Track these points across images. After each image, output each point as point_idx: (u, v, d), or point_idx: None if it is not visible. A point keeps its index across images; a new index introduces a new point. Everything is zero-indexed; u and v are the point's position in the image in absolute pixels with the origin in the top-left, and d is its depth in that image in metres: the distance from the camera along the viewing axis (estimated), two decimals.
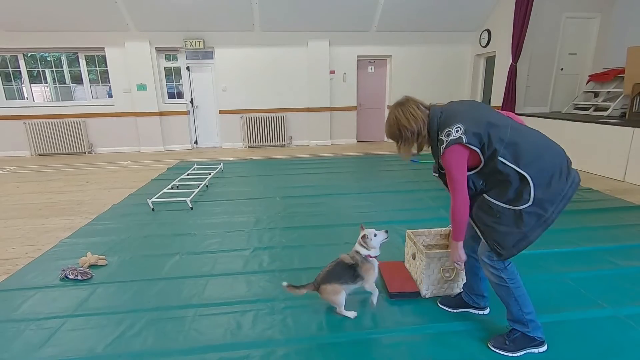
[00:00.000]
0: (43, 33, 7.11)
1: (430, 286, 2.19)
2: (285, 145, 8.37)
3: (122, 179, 5.46)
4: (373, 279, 2.05)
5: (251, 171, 5.87)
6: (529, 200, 1.52)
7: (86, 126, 7.68)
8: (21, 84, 7.66)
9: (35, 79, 7.77)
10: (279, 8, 7.09)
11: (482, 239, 1.68)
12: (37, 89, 7.86)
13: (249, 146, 8.23)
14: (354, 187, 4.72)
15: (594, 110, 6.47)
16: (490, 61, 7.92)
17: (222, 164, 5.98)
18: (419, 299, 2.20)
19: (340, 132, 8.55)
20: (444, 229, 2.53)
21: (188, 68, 7.88)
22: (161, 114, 7.87)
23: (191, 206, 3.97)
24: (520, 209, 1.54)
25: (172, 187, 4.62)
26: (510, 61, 6.80)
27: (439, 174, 1.77)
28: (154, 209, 3.92)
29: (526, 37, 6.59)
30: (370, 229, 2.10)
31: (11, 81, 7.63)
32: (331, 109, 8.28)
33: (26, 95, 7.72)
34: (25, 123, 7.42)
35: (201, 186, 4.62)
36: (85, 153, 7.75)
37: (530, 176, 1.50)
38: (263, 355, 1.77)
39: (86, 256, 2.71)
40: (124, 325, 2.01)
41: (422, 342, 1.84)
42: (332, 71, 8.08)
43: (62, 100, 7.80)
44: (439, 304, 2.12)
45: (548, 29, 6.77)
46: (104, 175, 5.74)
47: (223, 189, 4.80)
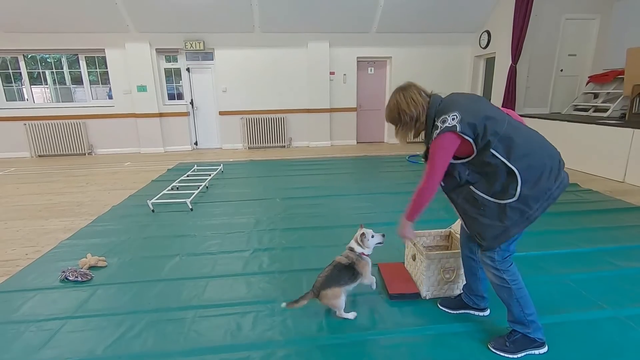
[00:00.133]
0: (43, 34, 7.12)
1: (430, 287, 2.19)
2: (285, 147, 8.37)
3: (122, 180, 5.46)
4: (369, 272, 2.12)
5: (251, 172, 5.87)
6: (514, 195, 1.53)
7: (86, 127, 7.69)
8: (21, 85, 7.67)
9: (36, 80, 7.78)
10: (279, 9, 7.11)
11: (465, 228, 1.71)
12: (37, 90, 7.87)
13: (249, 147, 8.24)
14: (354, 188, 4.72)
15: (594, 111, 6.48)
16: (490, 62, 7.93)
17: (222, 165, 5.99)
18: (419, 300, 2.20)
19: (340, 133, 8.55)
20: (444, 230, 2.53)
21: (188, 69, 7.89)
22: (161, 115, 7.88)
23: (191, 207, 3.98)
24: (504, 203, 1.56)
25: (172, 189, 4.62)
26: (510, 62, 6.81)
27: (426, 160, 1.75)
28: (154, 210, 3.93)
29: (526, 38, 6.61)
30: (369, 229, 2.12)
31: (11, 82, 7.64)
32: (331, 110, 8.29)
33: (26, 97, 7.73)
34: (25, 124, 7.43)
35: (201, 187, 4.62)
36: (86, 154, 7.76)
37: (518, 171, 1.51)
38: (263, 356, 1.77)
39: (86, 257, 2.72)
40: (123, 326, 2.01)
41: (422, 343, 1.84)
42: (332, 72, 8.09)
43: (62, 102, 7.82)
44: (439, 306, 2.12)
45: (548, 30, 6.79)
46: (104, 176, 5.75)
47: (223, 190, 4.80)
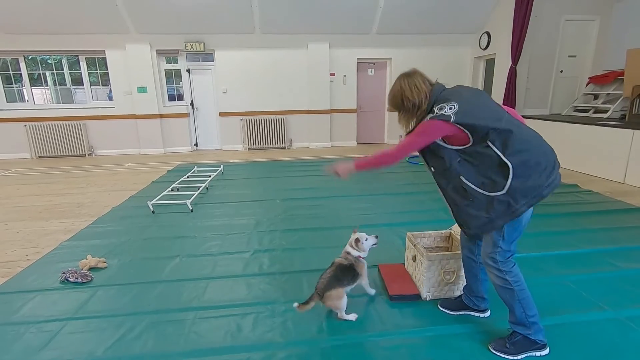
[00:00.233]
0: (44, 36, 7.13)
1: (430, 289, 2.19)
2: (285, 148, 8.37)
3: (122, 181, 5.46)
4: (367, 272, 2.19)
5: (251, 173, 5.87)
6: (503, 189, 1.55)
7: (86, 128, 7.70)
8: (22, 86, 7.68)
9: (36, 81, 7.79)
10: (279, 11, 7.12)
11: (451, 215, 1.75)
12: (37, 91, 7.88)
13: (249, 148, 8.24)
14: (354, 189, 4.72)
15: (594, 112, 6.47)
16: (490, 63, 7.94)
17: (222, 166, 5.99)
18: (419, 301, 2.20)
19: (340, 134, 8.56)
20: (444, 231, 2.53)
21: (188, 70, 7.90)
22: (161, 116, 7.89)
23: (191, 208, 3.98)
24: (493, 196, 1.58)
25: (173, 190, 4.62)
26: (510, 63, 6.82)
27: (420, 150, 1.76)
28: (154, 212, 3.93)
29: (526, 40, 6.61)
30: (362, 233, 2.16)
31: (12, 84, 7.65)
32: (331, 111, 8.30)
33: (27, 98, 7.74)
34: (25, 125, 7.44)
35: (201, 188, 4.62)
36: (86, 155, 7.76)
37: (512, 165, 1.52)
38: (263, 358, 1.77)
39: (86, 259, 2.71)
40: (124, 328, 2.01)
41: (423, 344, 1.84)
42: (332, 73, 8.10)
43: (63, 103, 7.83)
44: (439, 307, 2.12)
45: (547, 31, 6.80)
46: (104, 177, 5.75)
47: (223, 191, 4.80)
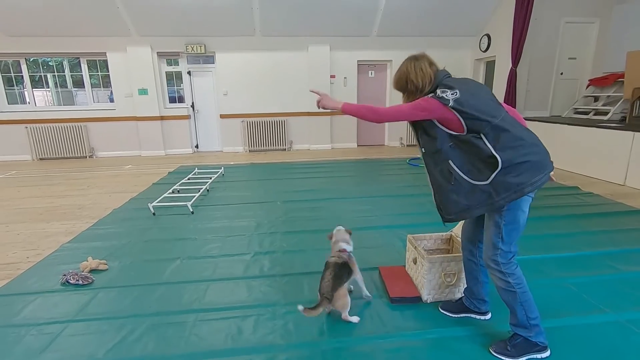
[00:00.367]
0: (45, 38, 7.16)
1: (431, 291, 2.19)
2: (286, 150, 8.38)
3: (123, 183, 5.47)
4: (357, 267, 2.19)
5: (252, 175, 5.87)
6: (487, 179, 1.57)
7: (87, 130, 7.71)
8: (23, 88, 7.70)
9: (37, 83, 7.82)
10: (279, 13, 7.14)
11: (433, 198, 1.78)
12: (39, 93, 7.90)
13: (249, 150, 8.25)
14: (354, 192, 4.72)
15: (594, 115, 6.48)
16: (490, 65, 7.96)
17: (223, 168, 6.00)
18: (420, 304, 2.20)
19: (340, 137, 8.57)
20: (445, 233, 2.53)
21: (189, 73, 7.92)
22: (162, 118, 7.90)
23: (192, 210, 3.98)
24: (476, 184, 1.60)
25: (173, 192, 4.63)
26: (510, 65, 6.83)
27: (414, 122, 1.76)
28: (154, 214, 3.93)
29: (526, 42, 6.63)
30: (339, 226, 2.26)
31: (13, 86, 7.67)
32: (332, 113, 8.29)
33: (28, 100, 7.76)
34: (27, 127, 7.45)
35: (202, 190, 4.62)
36: (87, 157, 7.77)
37: (501, 160, 1.54)
38: None
39: (87, 261, 2.72)
40: (124, 330, 2.01)
41: (423, 347, 1.84)
42: (332, 76, 8.12)
43: (64, 105, 7.85)
44: (440, 309, 2.12)
45: (547, 33, 6.81)
46: (105, 179, 5.76)
47: (224, 193, 4.80)
